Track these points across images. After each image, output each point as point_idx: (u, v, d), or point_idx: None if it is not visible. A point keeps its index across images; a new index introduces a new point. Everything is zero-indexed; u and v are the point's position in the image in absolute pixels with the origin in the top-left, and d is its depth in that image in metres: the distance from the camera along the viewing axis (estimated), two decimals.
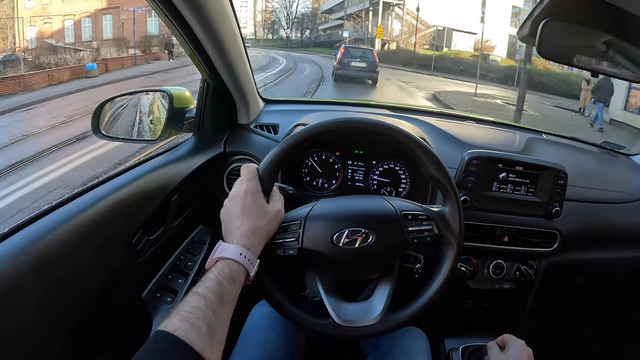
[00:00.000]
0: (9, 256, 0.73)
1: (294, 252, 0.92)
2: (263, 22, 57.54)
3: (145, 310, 1.16)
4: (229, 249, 0.80)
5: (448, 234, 0.98)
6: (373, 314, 0.92)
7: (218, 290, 0.72)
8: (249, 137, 1.51)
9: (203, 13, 1.02)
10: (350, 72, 16.50)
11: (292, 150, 0.95)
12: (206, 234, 1.41)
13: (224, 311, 0.72)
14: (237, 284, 0.77)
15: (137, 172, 1.13)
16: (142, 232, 1.09)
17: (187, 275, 1.28)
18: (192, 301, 0.68)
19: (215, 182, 1.45)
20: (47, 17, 24.29)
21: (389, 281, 0.97)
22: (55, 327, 0.82)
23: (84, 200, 0.94)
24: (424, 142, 1.00)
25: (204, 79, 1.38)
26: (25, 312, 0.74)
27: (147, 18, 26.41)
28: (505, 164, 1.32)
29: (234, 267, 0.78)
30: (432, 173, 0.99)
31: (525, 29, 0.93)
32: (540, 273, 1.44)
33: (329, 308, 0.92)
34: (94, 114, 1.33)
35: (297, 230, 0.92)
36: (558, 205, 1.35)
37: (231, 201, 0.88)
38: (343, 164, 1.44)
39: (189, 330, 0.63)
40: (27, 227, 0.82)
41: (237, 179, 0.92)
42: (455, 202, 0.99)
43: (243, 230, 0.83)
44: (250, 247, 0.82)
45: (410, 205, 0.99)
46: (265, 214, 0.88)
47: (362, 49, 17.90)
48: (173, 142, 1.42)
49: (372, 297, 0.96)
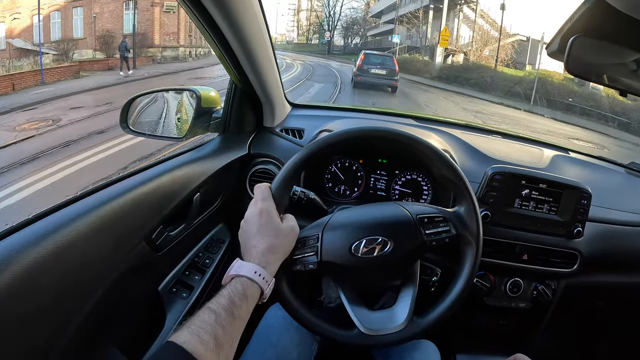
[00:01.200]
0: (31, 242, 0.75)
1: (314, 267, 0.92)
2: (308, 25, 53.19)
3: (160, 304, 1.18)
4: (244, 266, 0.82)
5: (466, 233, 0.97)
6: (399, 320, 0.92)
7: (229, 306, 0.74)
8: (274, 140, 1.52)
9: (233, 16, 1.04)
10: (369, 79, 16.33)
11: (303, 163, 0.97)
12: (226, 233, 1.42)
13: (234, 327, 0.74)
14: (249, 301, 0.79)
15: (162, 168, 1.15)
16: (162, 228, 1.10)
17: (204, 273, 1.30)
18: (203, 316, 0.71)
19: (238, 183, 1.46)
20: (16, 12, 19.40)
21: (412, 286, 0.97)
22: (71, 315, 0.84)
23: (107, 193, 0.96)
24: (434, 145, 1.00)
25: (232, 81, 1.41)
26: (42, 298, 0.75)
27: (124, 11, 21.38)
28: (529, 180, 1.31)
29: (248, 284, 0.80)
30: (444, 174, 0.99)
31: (554, 44, 0.92)
32: (558, 294, 1.42)
33: (354, 318, 0.92)
34: (123, 108, 1.37)
35: (315, 244, 0.93)
36: (580, 226, 1.33)
37: (247, 221, 0.90)
38: (366, 172, 1.44)
39: (197, 344, 0.65)
40: (51, 216, 0.84)
41: (252, 200, 0.93)
42: (471, 201, 0.98)
43: (259, 249, 0.85)
44: (266, 265, 0.84)
45: (425, 209, 0.99)
46: (281, 232, 0.89)
47: (382, 56, 17.78)
48: (198, 141, 1.44)
49: (396, 304, 0.96)
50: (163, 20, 22.76)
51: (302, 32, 54.86)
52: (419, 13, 30.37)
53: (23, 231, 0.78)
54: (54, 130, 9.00)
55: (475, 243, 0.97)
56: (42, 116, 10.26)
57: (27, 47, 18.72)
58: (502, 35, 25.45)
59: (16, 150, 7.55)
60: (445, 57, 26.99)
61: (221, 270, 1.34)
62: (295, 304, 0.93)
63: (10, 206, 5.22)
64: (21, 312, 0.71)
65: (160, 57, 22.41)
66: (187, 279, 1.26)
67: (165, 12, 22.67)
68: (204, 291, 1.27)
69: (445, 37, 25.17)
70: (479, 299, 1.40)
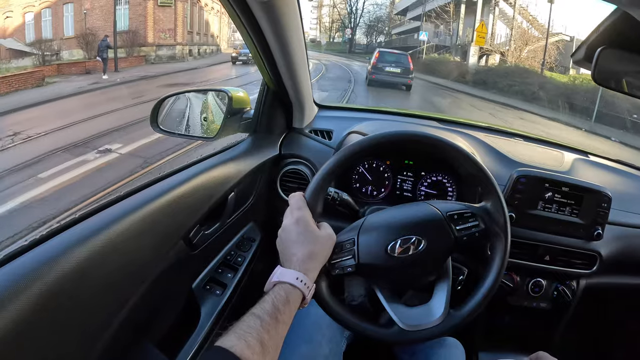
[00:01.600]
0: (77, 242, 0.78)
1: (352, 269, 0.95)
2: (331, 22, 47.96)
3: (194, 301, 1.21)
4: (286, 273, 0.85)
5: (494, 226, 1.00)
6: (436, 314, 0.95)
7: (273, 312, 0.77)
8: (304, 141, 1.54)
9: (276, 18, 1.06)
10: (384, 77, 16.12)
11: (335, 170, 1.00)
12: (256, 231, 1.44)
13: (278, 332, 0.77)
14: (292, 306, 0.82)
15: (197, 169, 1.17)
16: (198, 227, 1.13)
17: (236, 270, 1.32)
18: (249, 321, 0.74)
19: (270, 183, 1.49)
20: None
21: (446, 281, 1.00)
22: (113, 311, 0.87)
23: (146, 194, 0.99)
24: (459, 145, 1.03)
25: (264, 82, 1.43)
26: (87, 295, 0.78)
27: (116, 6, 18.75)
28: (552, 184, 1.35)
29: (290, 290, 0.83)
30: (470, 171, 1.02)
31: (580, 53, 0.95)
32: (578, 294, 1.45)
33: (393, 316, 0.95)
34: (154, 108, 1.39)
35: (352, 248, 0.96)
36: (600, 228, 1.36)
37: (285, 231, 0.93)
38: (393, 173, 1.46)
39: (244, 348, 0.68)
40: (96, 215, 0.87)
41: (287, 209, 0.96)
42: (497, 196, 1.01)
43: (299, 256, 0.88)
44: (306, 271, 0.87)
45: (454, 206, 1.02)
46: (318, 239, 0.92)
47: (397, 54, 17.34)
48: (228, 141, 1.46)
49: (432, 299, 0.99)
50: (157, 15, 20.58)
51: (324, 29, 50.06)
52: (450, 8, 26.64)
53: (68, 231, 0.80)
54: None
55: (504, 235, 1.00)
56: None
57: (19, 47, 17.52)
58: (540, 34, 22.15)
59: None
60: (480, 57, 23.43)
61: (253, 268, 1.37)
62: (336, 307, 0.96)
63: None
64: (69, 308, 0.73)
65: (154, 57, 20.28)
66: (220, 276, 1.28)
67: (161, 6, 20.53)
68: (236, 288, 1.29)
69: (482, 34, 21.55)
70: (502, 299, 1.43)
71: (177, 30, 21.34)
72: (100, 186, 5.75)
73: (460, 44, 25.59)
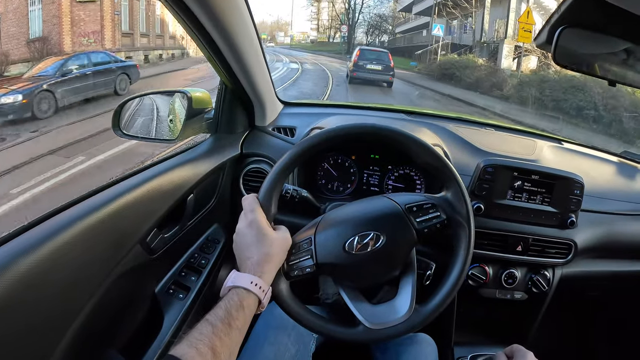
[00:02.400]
0: (26, 249, 0.75)
1: (311, 270, 0.93)
2: (330, 20, 45.55)
3: (157, 305, 1.19)
4: (240, 277, 0.84)
5: (456, 216, 0.98)
6: (402, 311, 0.93)
7: (226, 318, 0.76)
8: (266, 139, 1.52)
9: (219, 18, 1.04)
10: (365, 75, 16.33)
11: (290, 167, 0.97)
12: (220, 233, 1.43)
13: (232, 338, 0.76)
14: (246, 311, 0.81)
15: (155, 171, 1.16)
16: (157, 230, 1.11)
17: (200, 273, 1.30)
18: (201, 328, 0.73)
19: (232, 183, 1.47)
20: None
21: (411, 276, 0.98)
22: (69, 319, 0.85)
23: (101, 198, 0.97)
24: (413, 135, 1.00)
25: (222, 82, 1.41)
26: (41, 304, 0.76)
27: (28, 8, 13.92)
28: (521, 172, 1.32)
29: (244, 295, 0.82)
30: (427, 161, 0.99)
31: (542, 36, 0.92)
32: (553, 284, 1.42)
33: (357, 315, 0.93)
34: (115, 112, 1.37)
35: (310, 248, 0.94)
36: (574, 216, 1.33)
37: (239, 234, 0.91)
38: (359, 168, 1.45)
39: (195, 356, 0.67)
40: (45, 222, 0.85)
41: (241, 212, 0.94)
42: (457, 183, 0.98)
43: (254, 260, 0.86)
44: (261, 275, 0.85)
45: (413, 197, 1.00)
46: (273, 241, 0.90)
47: (377, 52, 17.66)
48: (191, 142, 1.44)
49: (397, 295, 0.96)
50: (77, 14, 15.17)
51: (323, 29, 48.17)
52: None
53: (18, 239, 0.78)
54: None
55: (467, 225, 0.97)
56: None
57: None
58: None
59: None
60: (515, 58, 17.79)
61: (217, 270, 1.36)
62: (296, 308, 0.94)
63: None
64: (20, 319, 0.72)
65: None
66: (183, 279, 1.27)
67: (80, 1, 15.11)
68: (200, 291, 1.28)
69: (528, 26, 14.93)
70: (474, 291, 1.41)
71: (105, 32, 16.10)
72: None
73: (486, 42, 20.14)
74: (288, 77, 17.91)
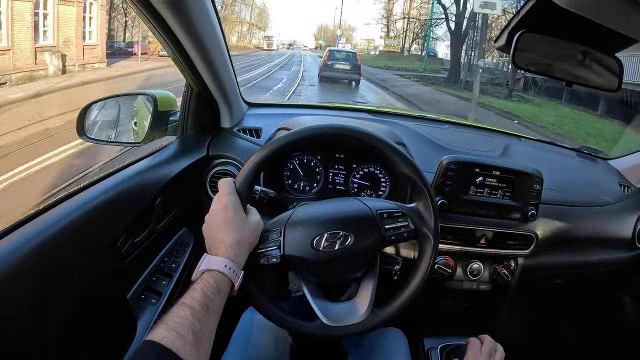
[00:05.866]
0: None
1: (277, 260, 0.94)
2: (405, 23, 30.54)
3: (130, 311, 1.17)
4: (214, 261, 0.83)
5: (424, 228, 1.01)
6: (359, 312, 0.96)
7: (204, 300, 0.75)
8: (232, 140, 1.52)
9: (186, 19, 1.04)
10: (334, 74, 16.83)
11: (266, 160, 0.98)
12: (189, 236, 1.42)
13: (210, 320, 0.75)
14: (222, 294, 0.80)
15: (121, 176, 1.15)
16: (126, 235, 1.10)
17: (171, 277, 1.29)
18: (179, 311, 0.71)
19: (199, 186, 1.46)
20: None
21: (372, 278, 1.00)
22: (41, 329, 0.83)
23: (69, 205, 0.95)
24: (393, 143, 1.03)
25: (187, 83, 1.40)
26: (7, 318, 0.75)
27: None
28: (483, 168, 1.36)
29: (219, 278, 0.81)
30: (403, 171, 1.02)
31: (502, 39, 0.95)
32: (516, 274, 1.48)
33: (316, 310, 0.95)
34: (79, 116, 1.35)
35: (278, 238, 0.95)
36: (534, 209, 1.39)
37: (212, 216, 0.91)
38: (324, 167, 1.46)
39: (175, 339, 0.65)
40: (13, 233, 0.83)
41: (216, 194, 0.93)
42: (428, 197, 1.01)
43: (227, 242, 0.86)
44: (234, 258, 0.85)
45: (385, 204, 1.03)
46: (247, 225, 0.90)
47: (346, 52, 18.22)
48: (158, 145, 1.43)
49: (357, 296, 0.99)
50: None
51: (394, 34, 32.64)
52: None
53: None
54: None
55: (433, 238, 1.01)
56: None
57: None
58: None
59: None
60: None
61: (187, 273, 1.34)
62: (260, 298, 0.95)
63: None
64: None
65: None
66: (154, 284, 1.25)
67: None
68: (172, 295, 1.26)
69: None
70: (440, 284, 1.45)
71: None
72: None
73: None
74: None
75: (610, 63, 0.93)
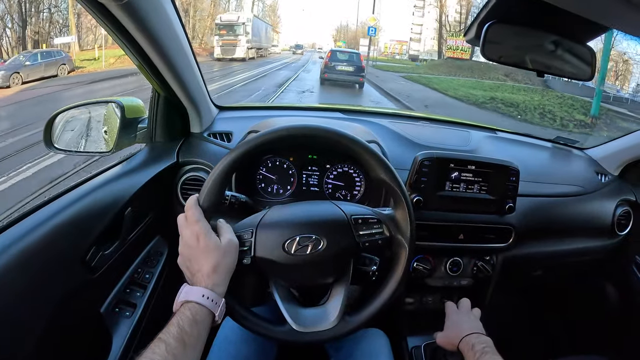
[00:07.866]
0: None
1: (248, 262, 0.92)
2: (442, 17, 27.68)
3: (104, 325, 1.15)
4: (192, 291, 0.82)
5: (399, 236, 1.00)
6: (330, 318, 0.94)
7: (179, 335, 0.74)
8: (202, 145, 1.48)
9: (147, 26, 1.01)
10: (336, 76, 16.17)
11: (233, 166, 0.95)
12: (163, 244, 1.39)
13: (186, 354, 0.74)
14: (200, 325, 0.79)
15: (89, 186, 1.12)
16: (96, 248, 1.07)
17: (145, 288, 1.27)
18: (154, 347, 0.71)
19: (170, 193, 1.43)
20: None
21: (343, 285, 0.98)
22: (14, 347, 0.82)
23: (36, 218, 0.93)
24: (372, 146, 1.01)
25: (154, 89, 1.37)
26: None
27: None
28: (457, 163, 1.36)
29: (196, 309, 0.79)
30: (381, 177, 1.00)
31: (471, 31, 0.94)
32: (497, 268, 1.48)
33: (285, 315, 0.93)
34: (46, 126, 1.32)
35: (250, 239, 0.93)
36: (511, 202, 1.39)
37: (185, 247, 0.89)
38: (297, 169, 1.44)
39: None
40: None
41: (184, 222, 0.90)
42: (405, 204, 1.00)
43: (204, 272, 0.84)
44: (213, 287, 0.83)
45: (360, 209, 1.01)
46: (221, 249, 0.88)
47: (349, 53, 17.40)
48: (128, 153, 1.39)
49: (328, 302, 0.97)
50: None
51: (451, 31, 28.26)
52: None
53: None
54: None
55: (408, 247, 0.99)
56: None
57: None
58: None
59: None
60: None
61: (162, 283, 1.32)
62: (231, 303, 0.93)
63: None
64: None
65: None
66: (128, 296, 1.23)
67: None
68: (147, 306, 1.24)
69: None
70: (421, 282, 1.44)
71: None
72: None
73: None
74: None
75: (582, 52, 0.92)
